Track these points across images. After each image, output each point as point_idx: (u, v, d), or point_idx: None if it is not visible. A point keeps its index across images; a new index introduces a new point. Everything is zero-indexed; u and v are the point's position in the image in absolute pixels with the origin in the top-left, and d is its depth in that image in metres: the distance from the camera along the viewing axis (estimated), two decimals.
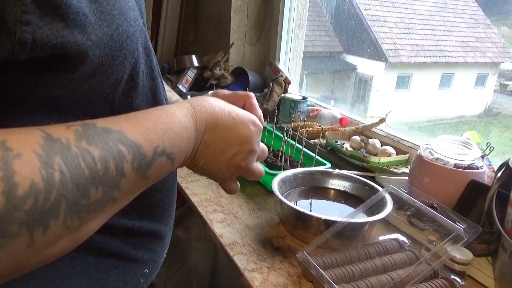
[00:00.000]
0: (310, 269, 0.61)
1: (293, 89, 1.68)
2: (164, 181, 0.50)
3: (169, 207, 0.52)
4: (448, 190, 0.79)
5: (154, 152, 0.34)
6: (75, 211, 0.27)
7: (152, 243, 0.49)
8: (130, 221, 0.45)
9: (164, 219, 0.51)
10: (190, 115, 0.40)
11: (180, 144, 0.38)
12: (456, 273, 0.64)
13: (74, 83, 0.33)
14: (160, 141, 0.35)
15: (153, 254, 0.50)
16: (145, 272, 0.49)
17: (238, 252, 0.70)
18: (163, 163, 0.36)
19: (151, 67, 0.45)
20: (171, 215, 0.54)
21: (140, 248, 0.47)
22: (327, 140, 1.19)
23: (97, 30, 0.32)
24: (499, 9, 1.37)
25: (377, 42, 1.63)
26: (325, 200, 0.86)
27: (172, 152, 0.37)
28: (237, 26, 1.73)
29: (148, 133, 0.34)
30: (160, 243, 0.51)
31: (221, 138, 0.43)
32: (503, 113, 1.44)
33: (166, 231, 0.52)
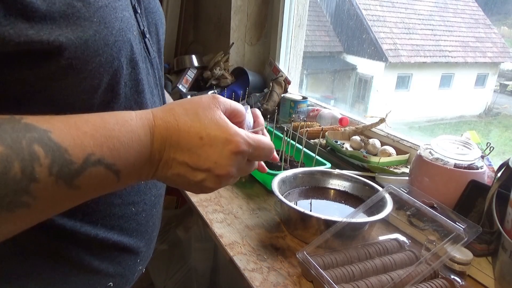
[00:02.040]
0: (310, 269, 0.61)
1: (293, 89, 1.68)
2: (142, 194, 0.48)
3: (146, 222, 0.50)
4: (448, 190, 0.79)
5: (85, 160, 0.31)
6: None
7: (120, 257, 0.47)
8: (94, 230, 0.43)
9: (138, 234, 0.49)
10: (148, 128, 0.36)
11: (126, 156, 0.34)
12: (456, 273, 0.64)
13: (41, 82, 0.33)
14: (96, 149, 0.32)
15: (121, 268, 0.48)
16: (108, 285, 0.47)
17: (238, 252, 0.70)
18: (101, 174, 0.32)
19: (136, 80, 0.43)
20: (148, 231, 0.51)
21: (104, 259, 0.45)
22: (327, 140, 1.19)
23: (68, 33, 0.32)
24: (499, 9, 1.37)
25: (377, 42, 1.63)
26: (325, 200, 0.86)
27: (114, 163, 0.33)
28: (237, 26, 1.73)
29: (83, 137, 0.31)
30: (131, 258, 0.49)
31: (185, 161, 0.37)
32: (503, 113, 1.44)
33: (141, 246, 0.50)
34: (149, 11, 0.51)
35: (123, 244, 0.47)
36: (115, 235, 0.45)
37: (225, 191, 0.94)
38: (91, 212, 0.42)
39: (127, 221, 0.46)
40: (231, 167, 0.38)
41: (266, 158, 0.42)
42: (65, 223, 0.40)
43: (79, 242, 0.42)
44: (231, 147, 0.38)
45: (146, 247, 0.52)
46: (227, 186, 0.96)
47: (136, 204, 0.47)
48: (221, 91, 1.64)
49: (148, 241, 0.52)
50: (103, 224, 0.44)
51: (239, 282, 0.66)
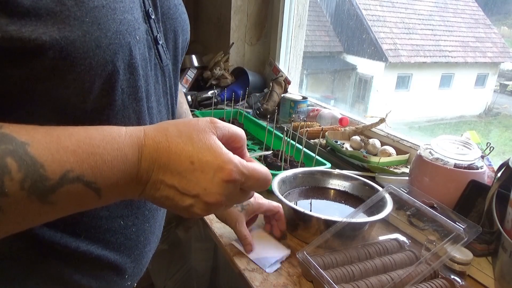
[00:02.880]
0: (310, 269, 0.61)
1: (293, 89, 1.68)
2: (135, 208, 0.46)
3: (136, 237, 0.47)
4: (448, 190, 0.79)
5: (62, 176, 0.30)
6: None
7: (104, 272, 0.45)
8: (75, 242, 0.41)
9: (126, 249, 0.46)
10: (137, 147, 0.35)
11: (109, 175, 0.32)
12: (456, 273, 0.64)
13: (26, 83, 0.32)
14: (76, 166, 0.30)
15: (105, 283, 0.45)
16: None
17: (238, 252, 0.70)
18: (79, 191, 0.31)
19: (134, 87, 0.41)
20: (139, 246, 0.48)
21: (85, 274, 0.43)
22: (327, 140, 1.19)
23: (53, 32, 0.31)
24: (499, 9, 1.37)
25: (377, 42, 1.63)
26: (325, 200, 0.86)
27: (95, 182, 0.32)
28: (237, 26, 1.73)
29: (63, 153, 0.30)
30: (117, 274, 0.46)
31: (173, 183, 0.36)
32: (503, 113, 1.44)
33: (128, 262, 0.47)
34: (168, 17, 0.48)
35: (107, 259, 0.44)
36: (98, 249, 0.43)
37: None
38: (74, 223, 0.40)
39: (113, 235, 0.44)
40: (221, 196, 0.36)
41: (261, 188, 0.40)
42: (44, 233, 0.39)
43: (57, 254, 0.40)
44: (223, 175, 0.36)
45: (135, 263, 0.49)
46: None
47: (126, 217, 0.45)
48: (221, 91, 1.64)
49: (137, 257, 0.49)
50: (87, 236, 0.42)
51: (239, 282, 0.66)
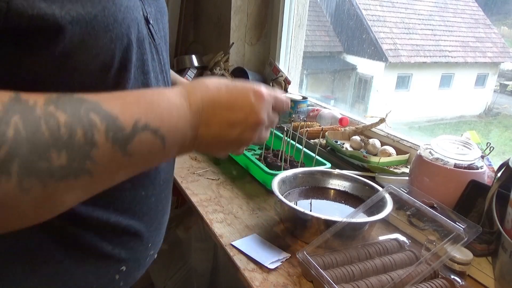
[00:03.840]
0: (310, 269, 0.61)
1: (293, 89, 1.68)
2: (153, 179, 0.49)
3: (155, 206, 0.50)
4: (448, 190, 0.79)
5: (134, 126, 0.32)
6: (33, 173, 0.27)
7: (132, 242, 0.48)
8: (106, 214, 0.44)
9: (149, 218, 0.50)
10: (182, 96, 0.38)
11: (169, 121, 0.36)
12: (456, 273, 0.64)
13: (56, 61, 0.34)
14: (142, 115, 0.33)
15: (132, 252, 0.48)
16: (121, 270, 0.48)
17: (238, 252, 0.70)
18: (149, 140, 0.34)
19: (142, 60, 0.44)
20: (158, 216, 0.52)
21: (116, 245, 0.46)
22: (327, 140, 1.19)
23: (78, 7, 0.32)
24: (499, 9, 1.37)
25: (377, 42, 1.63)
26: (325, 200, 0.86)
27: (159, 128, 0.34)
28: (237, 26, 1.73)
29: (129, 106, 0.33)
30: (142, 243, 0.50)
31: (223, 118, 0.40)
32: (503, 113, 1.44)
33: (151, 231, 0.50)
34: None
35: (134, 229, 0.47)
36: (126, 219, 0.46)
37: (225, 191, 0.94)
38: (102, 195, 0.42)
39: (137, 205, 0.47)
40: (262, 113, 0.42)
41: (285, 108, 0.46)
42: (78, 208, 0.41)
43: (91, 227, 0.43)
44: (259, 94, 0.42)
45: (156, 232, 0.52)
46: (227, 186, 0.96)
47: (146, 187, 0.48)
48: None
49: (158, 226, 0.52)
50: (115, 208, 0.45)
51: (239, 282, 0.66)
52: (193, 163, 1.08)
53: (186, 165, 1.07)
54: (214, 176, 1.02)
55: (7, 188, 0.26)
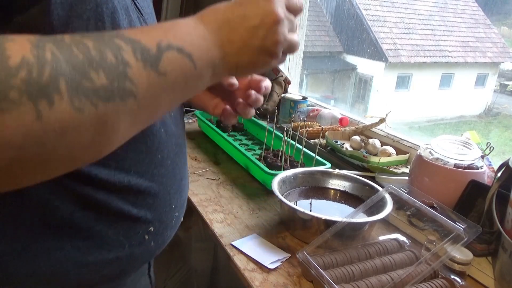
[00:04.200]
0: (310, 269, 0.61)
1: (293, 89, 1.68)
2: (164, 142, 0.51)
3: (172, 169, 0.52)
4: (448, 190, 0.79)
5: (158, 46, 0.33)
6: (81, 92, 0.27)
7: (155, 204, 0.50)
8: (127, 177, 0.45)
9: (168, 181, 0.51)
10: (196, 20, 0.39)
11: (191, 40, 0.36)
12: (456, 273, 0.64)
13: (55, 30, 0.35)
14: (162, 37, 0.34)
15: (158, 213, 0.50)
16: (150, 230, 0.50)
17: (238, 252, 0.70)
18: (177, 59, 0.34)
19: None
20: (176, 179, 0.54)
21: (141, 207, 0.48)
22: (327, 140, 1.19)
23: None
24: (499, 9, 1.37)
25: (377, 42, 1.63)
26: (325, 200, 0.86)
27: (183, 47, 0.35)
28: None
29: (147, 32, 0.34)
30: (166, 204, 0.51)
31: (242, 30, 0.40)
32: (503, 113, 1.44)
33: (172, 193, 0.52)
34: None
35: (155, 191, 0.49)
36: (146, 181, 0.48)
37: (225, 191, 0.94)
38: (122, 159, 0.45)
39: (156, 167, 0.49)
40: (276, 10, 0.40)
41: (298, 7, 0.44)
42: (100, 173, 0.43)
43: (115, 192, 0.45)
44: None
45: (178, 195, 0.54)
46: (227, 186, 0.96)
47: (161, 151, 0.49)
48: None
49: (178, 188, 0.54)
50: (136, 171, 0.46)
51: (239, 282, 0.66)
52: (193, 163, 1.08)
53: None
54: (214, 176, 1.02)
55: (63, 108, 0.26)
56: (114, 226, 0.46)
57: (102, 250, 0.45)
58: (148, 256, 0.52)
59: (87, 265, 0.45)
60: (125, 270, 0.49)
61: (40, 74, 0.25)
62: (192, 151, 1.17)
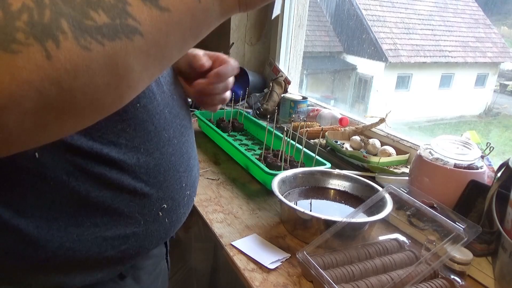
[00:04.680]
0: (310, 269, 0.61)
1: (293, 89, 1.68)
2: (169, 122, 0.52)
3: (179, 149, 0.53)
4: (448, 190, 0.79)
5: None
6: (85, 31, 0.27)
7: (166, 181, 0.51)
8: (136, 155, 0.47)
9: (177, 158, 0.52)
10: None
11: None
12: (456, 273, 0.64)
13: None
14: None
15: (169, 191, 0.51)
16: (163, 207, 0.51)
17: (238, 252, 0.70)
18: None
19: None
20: (184, 158, 0.55)
21: (153, 185, 0.49)
22: (327, 140, 1.19)
23: None
24: (499, 9, 1.37)
25: (377, 42, 1.64)
26: (325, 200, 0.86)
27: None
28: (237, 26, 1.73)
29: None
30: (176, 182, 0.52)
31: None
32: (503, 113, 1.44)
33: (181, 171, 0.53)
34: None
35: (163, 168, 0.50)
36: (155, 159, 0.49)
37: (225, 191, 0.94)
38: (131, 138, 0.46)
39: (164, 145, 0.50)
40: None
41: None
42: (111, 151, 0.44)
43: (127, 170, 0.46)
44: None
45: (188, 174, 0.55)
46: (227, 186, 0.96)
47: (167, 130, 0.51)
48: None
49: (187, 167, 0.55)
50: (145, 148, 0.48)
51: (239, 282, 0.66)
52: None
53: None
54: (214, 176, 1.02)
55: (69, 47, 0.26)
56: (129, 203, 0.47)
57: (120, 226, 0.47)
58: (164, 234, 0.53)
59: (106, 239, 0.46)
60: (143, 246, 0.50)
61: (41, 16, 0.26)
62: None
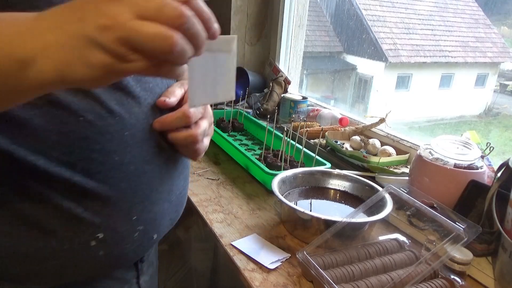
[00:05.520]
0: (310, 269, 0.61)
1: (293, 89, 1.68)
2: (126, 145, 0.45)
3: (137, 177, 0.47)
4: (448, 190, 0.79)
5: None
6: None
7: (107, 208, 0.45)
8: (69, 172, 0.42)
9: (125, 187, 0.46)
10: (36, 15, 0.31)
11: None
12: (456, 273, 0.64)
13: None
14: None
15: (110, 221, 0.45)
16: (97, 236, 0.45)
17: (238, 252, 0.70)
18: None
19: None
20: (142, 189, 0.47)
21: (86, 208, 0.43)
22: (327, 140, 1.19)
23: None
24: (499, 9, 1.37)
25: (377, 42, 1.63)
26: (325, 200, 0.86)
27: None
28: (237, 26, 1.73)
29: None
30: (119, 213, 0.46)
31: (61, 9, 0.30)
32: (503, 113, 1.44)
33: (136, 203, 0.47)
34: None
35: (106, 194, 0.44)
36: (95, 182, 0.43)
37: (225, 191, 0.94)
38: (67, 152, 0.41)
39: (111, 169, 0.44)
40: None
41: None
42: (38, 161, 0.40)
43: (56, 185, 0.42)
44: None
45: (146, 207, 0.48)
46: (227, 186, 0.96)
47: (120, 154, 0.45)
48: None
49: (147, 199, 0.48)
50: (83, 168, 0.42)
51: (239, 282, 0.66)
52: (193, 163, 1.08)
53: None
54: (214, 176, 1.02)
55: None
56: (53, 219, 0.42)
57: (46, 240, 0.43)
58: (98, 268, 0.47)
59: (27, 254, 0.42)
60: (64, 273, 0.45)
61: None
62: None
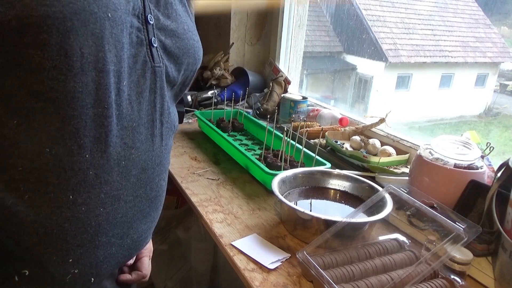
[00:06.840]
0: (310, 269, 0.61)
1: (293, 89, 1.68)
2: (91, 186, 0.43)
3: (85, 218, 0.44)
4: (448, 190, 0.79)
5: None
6: None
7: (40, 244, 0.42)
8: (13, 199, 0.39)
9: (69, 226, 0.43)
10: None
11: None
12: (456, 273, 0.64)
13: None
14: None
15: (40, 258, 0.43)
16: (23, 272, 0.42)
17: (238, 252, 0.70)
18: None
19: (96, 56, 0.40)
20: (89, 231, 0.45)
21: (17, 240, 0.41)
22: (327, 140, 1.19)
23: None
24: (499, 9, 1.37)
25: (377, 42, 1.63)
26: (325, 200, 0.86)
27: None
28: (237, 26, 1.73)
29: None
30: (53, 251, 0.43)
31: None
32: (503, 113, 1.44)
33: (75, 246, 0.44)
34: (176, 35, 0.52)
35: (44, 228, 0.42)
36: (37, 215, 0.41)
37: (225, 191, 0.94)
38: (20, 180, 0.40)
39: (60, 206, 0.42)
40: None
41: None
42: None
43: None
44: None
45: (88, 250, 0.45)
46: (227, 186, 0.96)
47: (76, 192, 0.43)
48: (221, 91, 1.64)
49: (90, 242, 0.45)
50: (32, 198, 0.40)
51: (239, 282, 0.66)
52: (193, 163, 1.08)
53: (186, 165, 1.07)
54: (214, 176, 1.02)
55: None
56: None
57: None
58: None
59: None
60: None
61: None
62: (192, 151, 1.17)
